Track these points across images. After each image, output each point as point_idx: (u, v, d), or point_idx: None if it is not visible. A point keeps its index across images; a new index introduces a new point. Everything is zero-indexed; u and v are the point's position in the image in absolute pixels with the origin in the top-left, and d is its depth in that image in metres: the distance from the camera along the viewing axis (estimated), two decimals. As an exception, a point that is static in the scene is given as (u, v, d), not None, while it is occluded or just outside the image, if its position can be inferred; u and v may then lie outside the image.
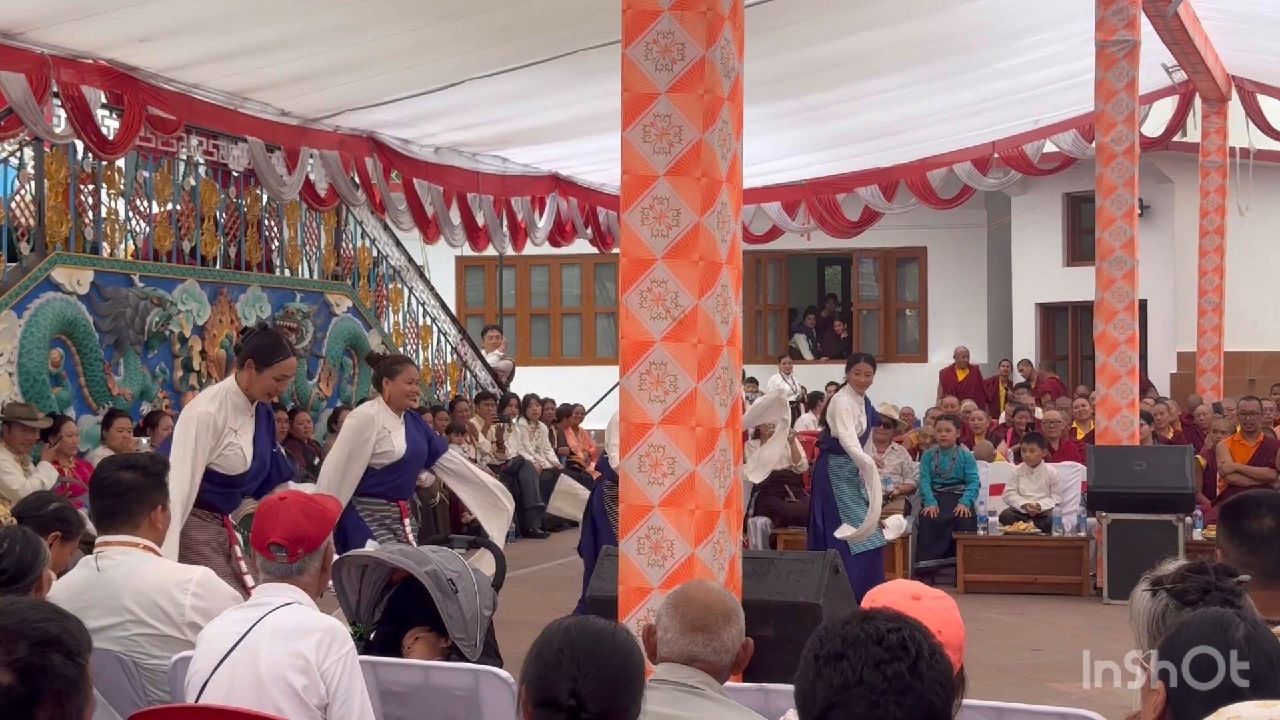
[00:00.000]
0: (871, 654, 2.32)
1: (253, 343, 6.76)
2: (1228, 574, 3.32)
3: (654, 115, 5.22)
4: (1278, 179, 20.90)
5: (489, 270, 25.43)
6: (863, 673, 2.30)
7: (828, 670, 2.33)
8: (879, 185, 19.49)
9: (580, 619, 3.20)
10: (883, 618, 2.40)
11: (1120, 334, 12.92)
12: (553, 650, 3.06)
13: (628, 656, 3.10)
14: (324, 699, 4.11)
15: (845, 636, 2.36)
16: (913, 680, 2.30)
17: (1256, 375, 21.20)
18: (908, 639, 2.34)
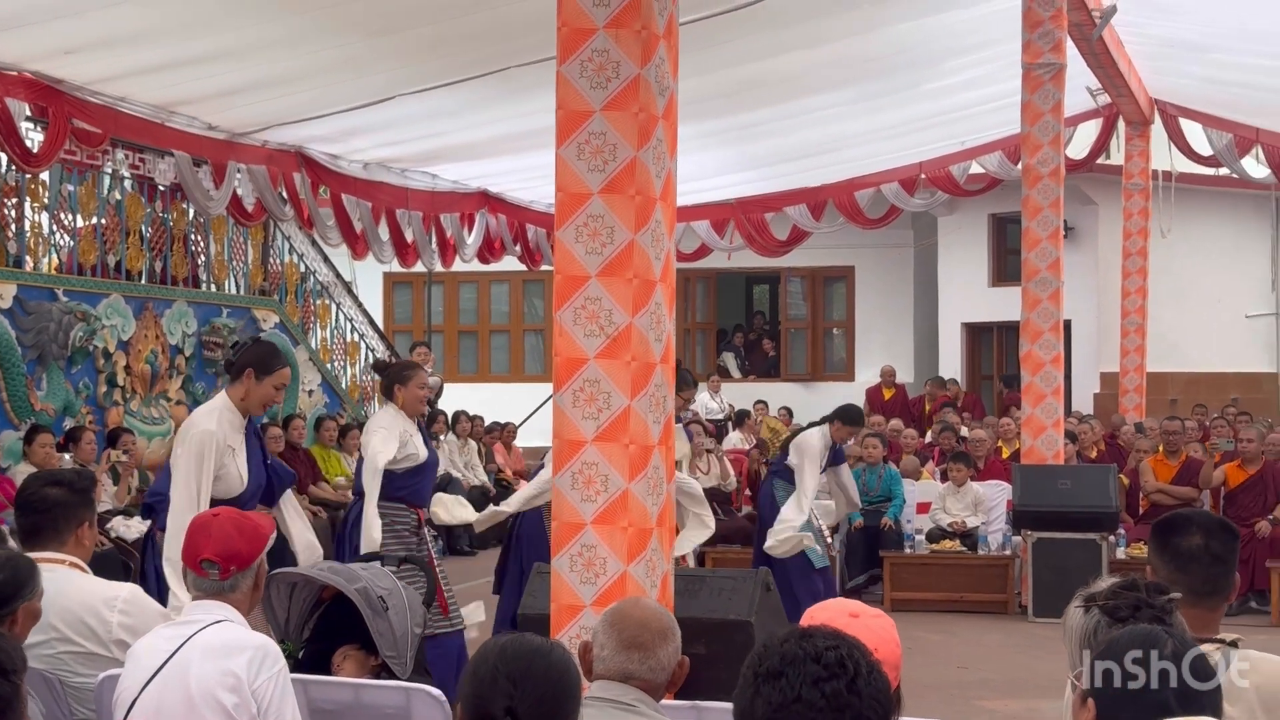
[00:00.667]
0: (810, 672, 2.32)
1: (250, 353, 6.65)
2: (1159, 591, 3.35)
3: (589, 133, 5.23)
4: (1199, 202, 21.20)
5: (417, 286, 25.33)
6: (801, 690, 2.30)
7: (766, 688, 2.33)
8: (807, 204, 19.63)
9: (516, 636, 3.19)
10: (821, 635, 2.40)
11: (1045, 354, 13.05)
12: (488, 667, 3.05)
13: (564, 674, 3.09)
14: (255, 717, 4.07)
15: (784, 654, 2.36)
16: (851, 698, 2.30)
17: (1178, 395, 21.46)
18: (845, 656, 2.35)
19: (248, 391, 6.48)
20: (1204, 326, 22.09)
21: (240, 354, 6.68)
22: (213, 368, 15.14)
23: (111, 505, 12.24)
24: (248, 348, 6.77)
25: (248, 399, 6.50)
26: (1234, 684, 3.89)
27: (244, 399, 6.49)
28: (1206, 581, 4.02)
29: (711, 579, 5.65)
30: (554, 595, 5.43)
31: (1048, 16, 12.97)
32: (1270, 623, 12.19)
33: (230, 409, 6.46)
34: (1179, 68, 16.92)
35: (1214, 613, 4.05)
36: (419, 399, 8.13)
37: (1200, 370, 22.16)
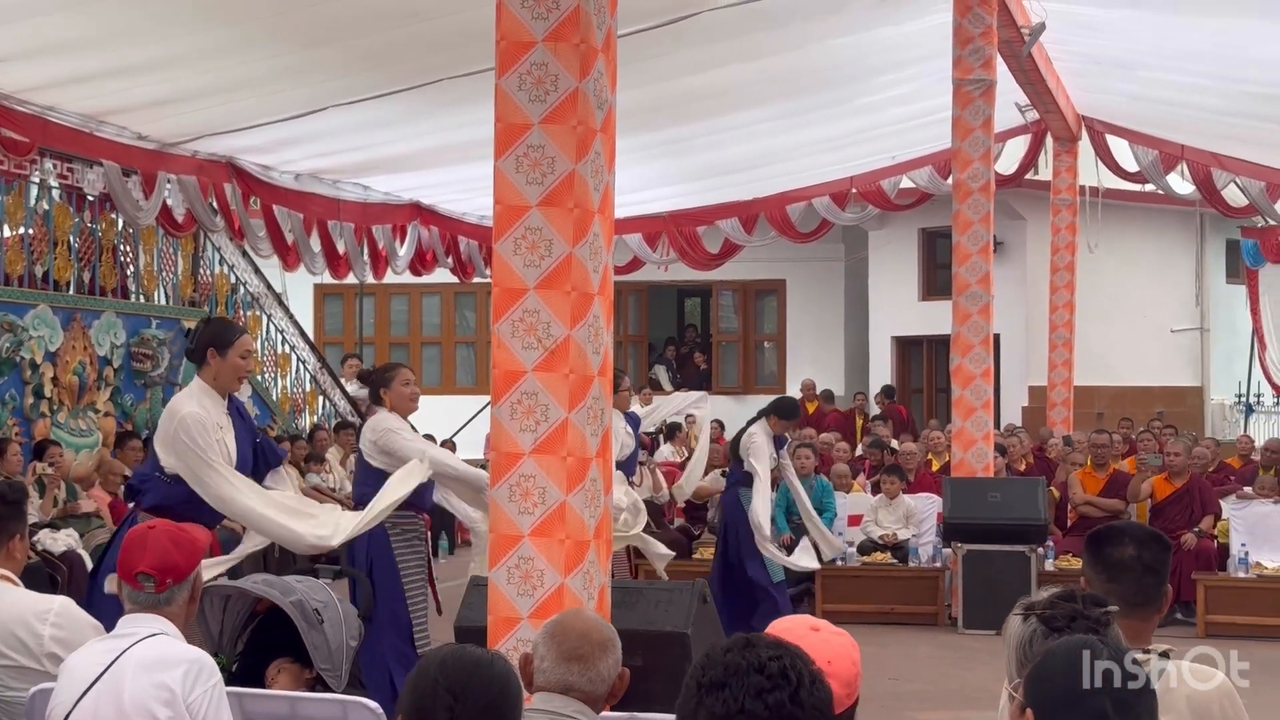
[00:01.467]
0: (753, 683, 2.33)
1: (205, 334, 6.71)
2: (1096, 603, 3.39)
3: (527, 146, 5.23)
4: (1125, 217, 21.46)
5: (348, 298, 25.20)
6: (744, 701, 2.31)
7: (709, 699, 2.34)
8: (739, 218, 19.70)
9: (457, 648, 3.19)
10: (764, 645, 2.41)
11: (975, 367, 13.16)
12: (429, 680, 3.04)
13: (505, 686, 3.09)
14: (188, 732, 4.04)
15: (727, 664, 2.36)
16: (793, 708, 2.31)
17: (1105, 409, 21.69)
18: (788, 667, 2.36)
19: (217, 371, 6.51)
20: (1130, 341, 22.37)
21: (196, 339, 6.72)
22: (142, 379, 14.99)
23: (38, 518, 12.08)
24: (200, 331, 6.81)
25: (219, 378, 6.55)
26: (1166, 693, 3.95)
27: (215, 379, 6.53)
28: (1139, 592, 4.06)
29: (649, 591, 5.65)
30: (491, 607, 5.43)
31: (978, 33, 13.09)
32: (1196, 635, 12.32)
33: (206, 391, 6.51)
34: (1106, 85, 17.12)
35: (1147, 623, 4.10)
36: (407, 396, 8.04)
37: (1126, 384, 22.42)
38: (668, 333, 26.98)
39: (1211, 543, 13.34)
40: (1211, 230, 23.35)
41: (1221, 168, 18.02)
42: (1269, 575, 12.67)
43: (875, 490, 14.51)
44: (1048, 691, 2.77)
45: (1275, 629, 12.05)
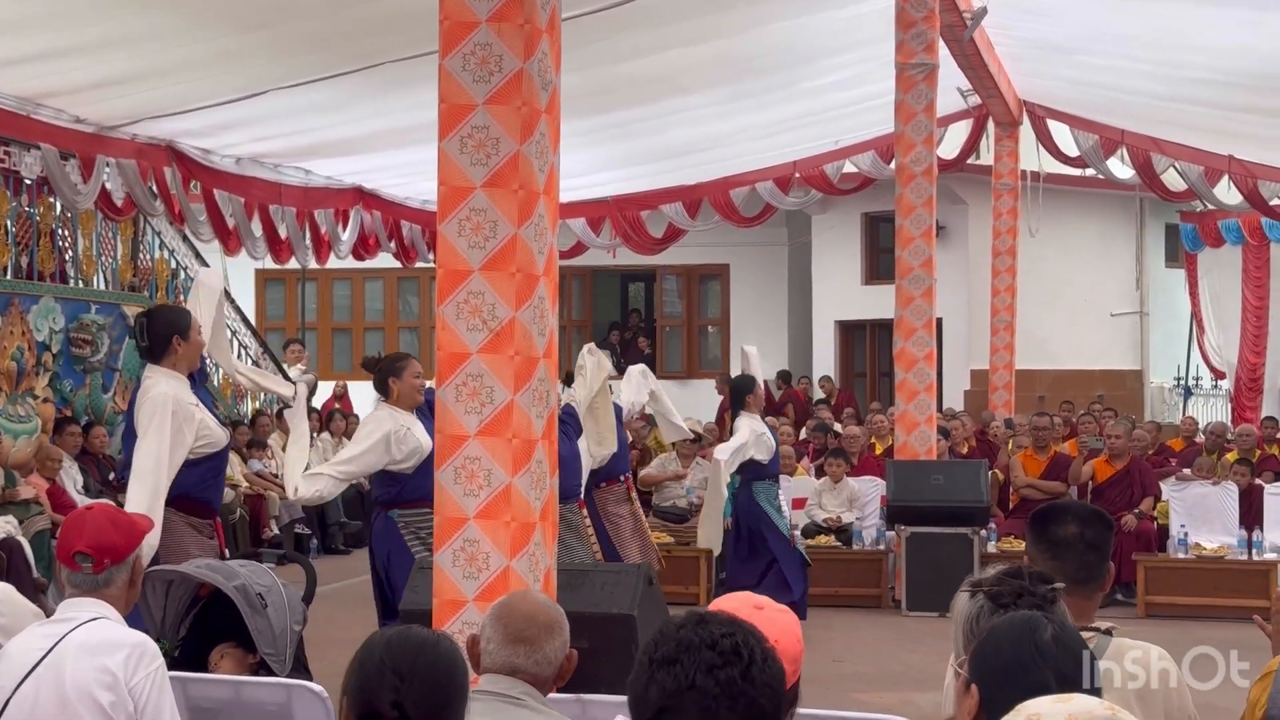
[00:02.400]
0: (704, 659, 2.32)
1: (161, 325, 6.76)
2: (1043, 580, 3.41)
3: (471, 127, 5.21)
4: (1067, 202, 21.60)
5: (290, 283, 25.07)
6: (695, 678, 2.30)
7: (661, 674, 2.33)
8: (683, 202, 19.69)
9: (403, 629, 3.18)
10: (717, 622, 2.40)
11: (919, 351, 13.23)
12: (375, 660, 3.03)
13: (451, 666, 3.09)
14: (132, 716, 4.01)
15: (680, 640, 2.36)
16: (744, 685, 2.31)
17: (1046, 392, 21.84)
18: (740, 644, 2.35)
19: (179, 357, 6.49)
20: (1071, 325, 22.53)
21: (150, 333, 6.68)
22: (81, 364, 14.85)
23: (-25, 506, 11.99)
24: (152, 324, 6.76)
25: (180, 362, 6.53)
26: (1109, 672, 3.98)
27: (176, 364, 6.51)
28: (1082, 569, 4.10)
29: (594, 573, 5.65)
30: (436, 590, 5.41)
31: (920, 18, 13.14)
32: (1136, 615, 12.44)
33: (170, 375, 6.48)
34: (1047, 70, 17.22)
35: (1090, 601, 4.13)
36: (416, 389, 7.99)
37: (1067, 368, 22.60)
38: (611, 317, 26.96)
39: (1151, 524, 13.49)
40: (1151, 215, 23.53)
41: (1161, 152, 18.16)
42: (1208, 556, 12.81)
43: (819, 474, 14.56)
44: (993, 666, 2.78)
45: (1214, 609, 12.18)
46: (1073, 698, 2.16)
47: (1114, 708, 2.12)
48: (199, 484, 6.60)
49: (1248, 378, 23.58)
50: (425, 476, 7.73)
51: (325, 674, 5.42)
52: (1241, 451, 14.90)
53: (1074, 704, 2.12)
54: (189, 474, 6.55)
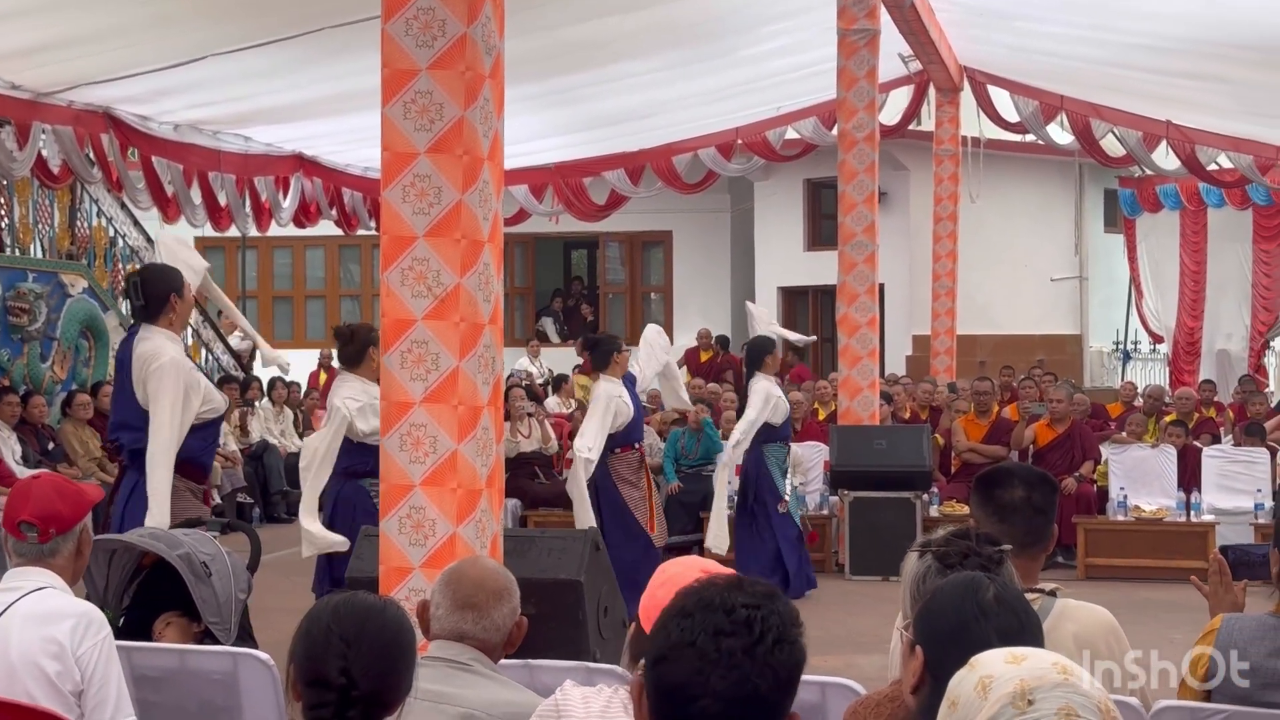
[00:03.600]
0: (715, 621, 2.28)
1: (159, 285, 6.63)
2: (990, 542, 3.43)
3: (415, 92, 5.17)
4: (1007, 168, 21.71)
5: (230, 251, 24.88)
6: (698, 637, 2.27)
7: (672, 624, 2.30)
8: (625, 169, 19.62)
9: (350, 595, 3.17)
10: (750, 591, 2.35)
11: (861, 316, 13.28)
12: (321, 628, 3.02)
13: (398, 632, 3.08)
14: (79, 685, 3.99)
15: (703, 597, 2.32)
16: (744, 659, 2.25)
17: (986, 357, 21.96)
18: (759, 619, 2.29)
19: (176, 315, 6.43)
20: (1011, 290, 22.67)
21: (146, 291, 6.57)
22: (18, 333, 14.70)
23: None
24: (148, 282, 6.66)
25: (176, 321, 6.46)
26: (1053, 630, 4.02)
27: (173, 324, 6.43)
28: (1028, 532, 4.14)
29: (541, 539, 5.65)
30: (383, 557, 5.40)
31: (862, -17, 13.14)
32: (1076, 577, 12.56)
33: (169, 336, 6.40)
34: (988, 35, 17.26)
35: (1034, 562, 4.18)
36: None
37: (1008, 333, 22.74)
38: (554, 285, 26.92)
39: (1091, 487, 13.61)
40: (1090, 180, 23.69)
41: (1100, 118, 18.25)
42: (1147, 518, 12.95)
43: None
44: (936, 627, 2.79)
45: (1152, 570, 12.32)
46: (1026, 657, 2.15)
47: (1067, 669, 2.12)
48: (200, 449, 6.53)
49: (1185, 342, 23.81)
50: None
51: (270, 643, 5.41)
52: (1180, 415, 15.06)
53: (1026, 666, 2.12)
54: (191, 440, 6.47)
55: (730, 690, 2.24)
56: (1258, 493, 13.16)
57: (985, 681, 2.10)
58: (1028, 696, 2.04)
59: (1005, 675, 2.09)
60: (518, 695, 3.68)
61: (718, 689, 2.24)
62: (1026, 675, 2.08)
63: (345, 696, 2.95)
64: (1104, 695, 2.10)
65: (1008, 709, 2.04)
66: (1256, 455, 13.79)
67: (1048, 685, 2.06)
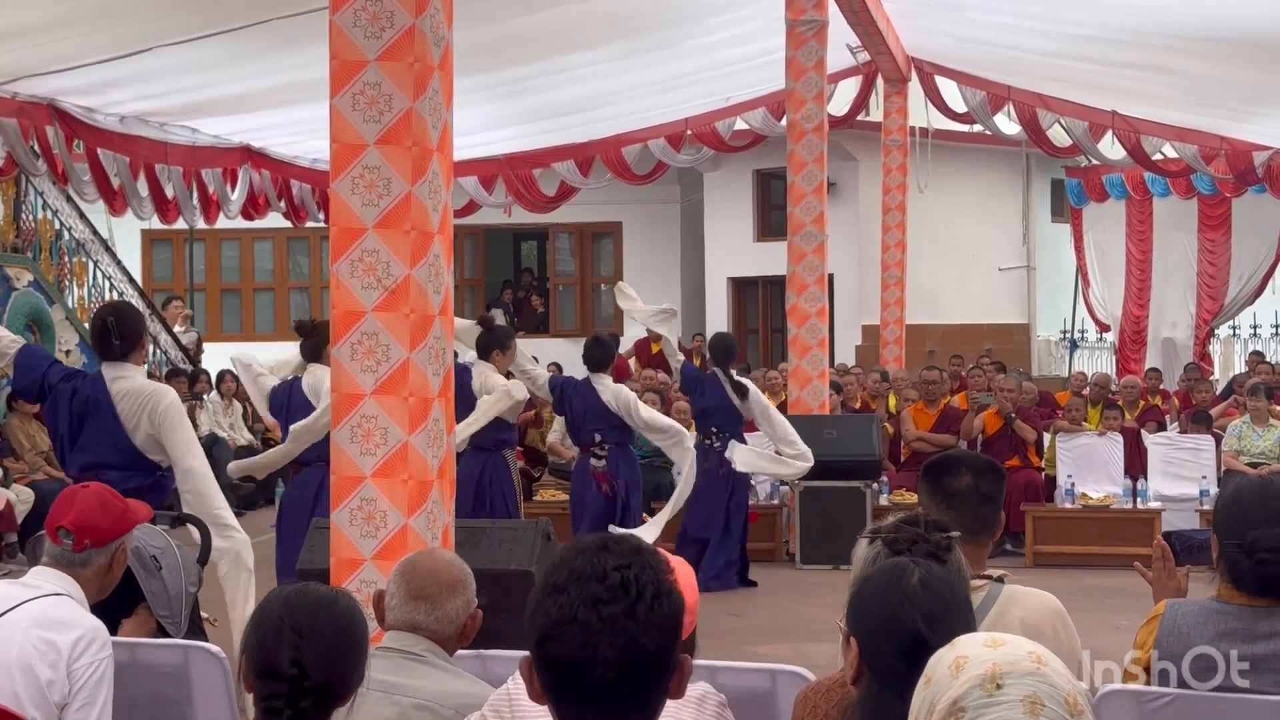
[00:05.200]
0: (591, 591, 2.27)
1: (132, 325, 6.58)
2: (939, 529, 3.46)
3: (363, 83, 5.17)
4: (955, 158, 21.80)
5: (177, 244, 24.72)
6: (578, 610, 2.25)
7: (548, 602, 2.29)
8: (575, 160, 19.62)
9: (301, 586, 3.17)
10: (617, 552, 2.33)
11: (811, 306, 13.33)
12: (273, 619, 3.02)
13: (350, 623, 3.08)
14: (65, 698, 3.95)
15: (573, 569, 2.31)
16: (627, 622, 2.25)
17: (936, 346, 22.07)
18: (633, 578, 2.29)
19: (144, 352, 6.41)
20: (960, 279, 22.78)
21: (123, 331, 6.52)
22: (-35, 329, 14.56)
23: None
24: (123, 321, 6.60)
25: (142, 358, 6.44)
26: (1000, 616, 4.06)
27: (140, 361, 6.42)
28: (976, 519, 4.17)
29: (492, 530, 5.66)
30: (334, 549, 5.39)
31: (810, -26, 13.18)
32: (1025, 564, 12.65)
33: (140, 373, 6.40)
34: (935, 26, 17.33)
35: (982, 549, 4.21)
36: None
37: (956, 322, 22.85)
38: (504, 276, 26.88)
39: (1040, 475, 13.70)
40: (1037, 170, 23.82)
41: (1047, 108, 18.37)
42: (1094, 505, 13.05)
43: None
44: (865, 616, 2.82)
45: (1100, 557, 12.42)
46: (1005, 643, 2.16)
47: (1042, 659, 2.13)
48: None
49: (1131, 330, 23.98)
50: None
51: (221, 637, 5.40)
52: (1125, 403, 15.18)
53: (1001, 651, 2.14)
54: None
55: (620, 655, 2.25)
56: (1203, 479, 13.30)
57: (960, 661, 2.12)
58: (997, 680, 2.07)
59: (979, 658, 2.12)
60: (471, 686, 3.70)
61: (608, 657, 2.25)
62: (1000, 660, 2.10)
63: (297, 687, 2.95)
64: (1074, 689, 2.11)
65: (975, 690, 2.07)
66: (1202, 442, 13.93)
67: (1019, 672, 2.08)
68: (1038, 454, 13.99)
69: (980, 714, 2.04)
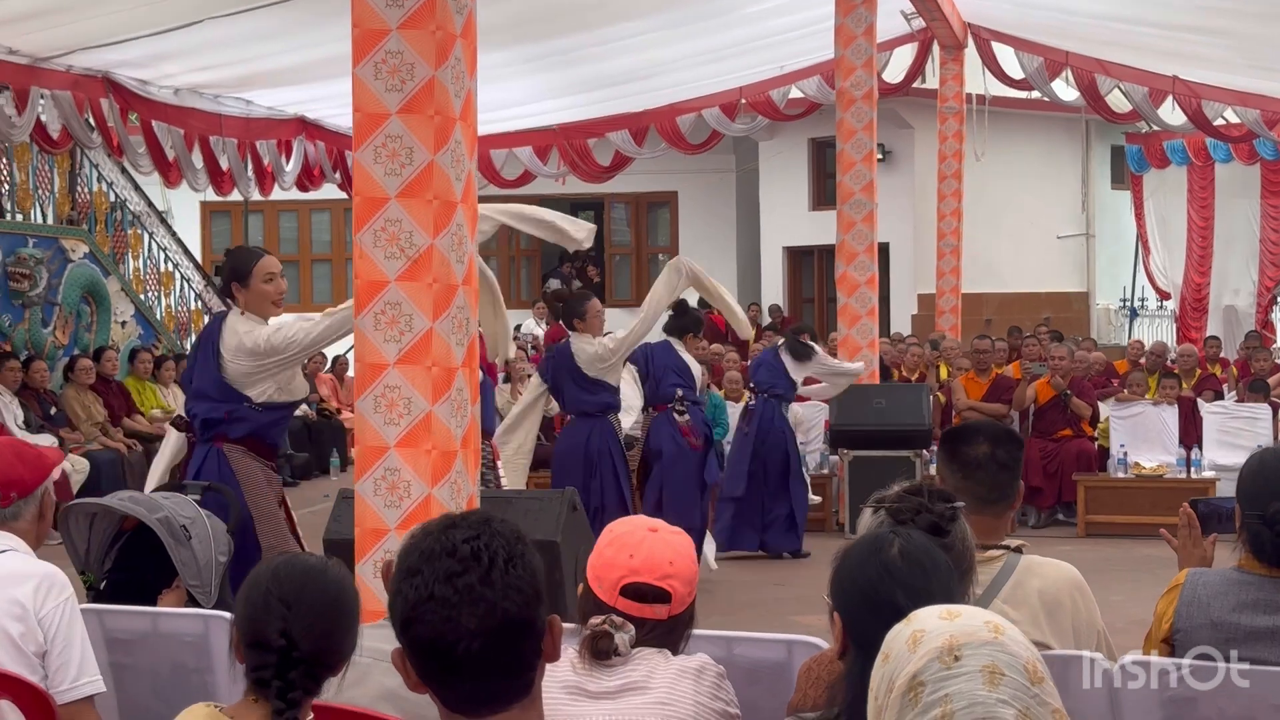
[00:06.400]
0: (443, 567, 2.28)
1: (225, 272, 6.53)
2: (943, 498, 3.42)
3: (385, 52, 5.15)
4: (1012, 125, 21.58)
5: (236, 215, 24.87)
6: (434, 588, 2.27)
7: (404, 586, 2.30)
8: (629, 130, 19.56)
9: (290, 556, 3.17)
10: (464, 526, 2.35)
11: (860, 275, 13.24)
12: (260, 590, 3.01)
13: (340, 593, 3.07)
14: (42, 647, 3.96)
15: (423, 550, 2.32)
16: (484, 590, 2.26)
17: (993, 315, 21.91)
18: (483, 548, 2.30)
19: (245, 301, 6.34)
20: (1017, 248, 22.59)
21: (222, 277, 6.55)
22: (19, 299, 14.72)
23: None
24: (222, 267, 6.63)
25: (249, 307, 6.37)
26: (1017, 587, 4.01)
27: (246, 309, 6.37)
28: (993, 489, 4.12)
29: (518, 500, 5.65)
30: (358, 519, 5.40)
31: (862, -61, 13.06)
32: (1077, 534, 12.55)
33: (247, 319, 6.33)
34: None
35: (1000, 519, 4.16)
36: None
37: (1014, 290, 22.67)
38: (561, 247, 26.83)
39: (1093, 445, 13.57)
40: (1097, 137, 23.56)
41: (1106, 74, 18.12)
42: (1147, 475, 12.92)
43: (764, 399, 14.55)
44: (846, 589, 2.79)
45: (1153, 527, 12.11)
46: (960, 614, 2.13)
47: (999, 628, 2.10)
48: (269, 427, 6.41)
49: (1192, 298, 23.72)
50: None
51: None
52: (1182, 371, 15.01)
53: (958, 623, 2.11)
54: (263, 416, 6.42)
55: (482, 624, 2.26)
56: (1258, 448, 13.10)
57: (917, 635, 2.10)
58: (955, 652, 2.04)
59: (936, 630, 2.09)
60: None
61: (470, 627, 2.25)
62: (957, 631, 2.08)
63: (286, 658, 2.94)
64: (1032, 655, 2.09)
65: (934, 663, 2.04)
66: (1258, 411, 13.76)
67: (977, 642, 2.06)
68: (1091, 424, 13.84)
69: (940, 686, 2.01)
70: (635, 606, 3.25)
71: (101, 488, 12.48)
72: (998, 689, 2.01)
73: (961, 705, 2.00)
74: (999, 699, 2.00)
